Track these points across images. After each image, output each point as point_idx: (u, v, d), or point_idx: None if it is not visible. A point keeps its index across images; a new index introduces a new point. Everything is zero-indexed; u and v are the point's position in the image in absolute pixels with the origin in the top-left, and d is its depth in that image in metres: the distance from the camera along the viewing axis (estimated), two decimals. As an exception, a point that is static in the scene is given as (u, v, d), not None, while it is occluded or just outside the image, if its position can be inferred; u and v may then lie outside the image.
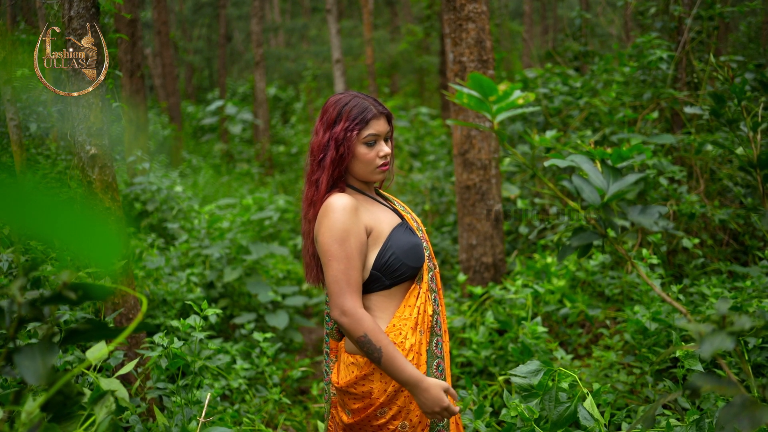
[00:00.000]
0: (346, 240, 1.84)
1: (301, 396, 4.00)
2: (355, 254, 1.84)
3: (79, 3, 2.55)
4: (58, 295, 0.91)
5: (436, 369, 1.96)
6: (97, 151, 2.62)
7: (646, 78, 5.09)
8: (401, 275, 1.91)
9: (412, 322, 1.91)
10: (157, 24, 10.93)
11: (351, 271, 1.83)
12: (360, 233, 1.87)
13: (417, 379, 1.80)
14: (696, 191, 4.32)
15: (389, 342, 1.81)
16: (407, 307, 1.93)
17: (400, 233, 1.93)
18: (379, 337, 1.79)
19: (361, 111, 1.91)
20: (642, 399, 2.92)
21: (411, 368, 1.81)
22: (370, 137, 1.92)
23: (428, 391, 1.80)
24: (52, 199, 0.69)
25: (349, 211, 1.85)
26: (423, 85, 16.40)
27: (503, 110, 1.12)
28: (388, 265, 1.89)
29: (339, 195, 1.89)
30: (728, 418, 0.99)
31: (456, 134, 4.34)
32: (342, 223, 1.84)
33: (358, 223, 1.86)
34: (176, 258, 4.87)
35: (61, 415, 1.11)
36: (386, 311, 1.93)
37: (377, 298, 1.93)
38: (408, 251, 1.91)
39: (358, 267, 1.85)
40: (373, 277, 1.90)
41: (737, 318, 0.99)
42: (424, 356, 1.93)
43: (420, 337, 1.92)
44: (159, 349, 2.34)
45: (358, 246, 1.86)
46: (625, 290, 3.77)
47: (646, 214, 1.17)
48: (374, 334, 1.79)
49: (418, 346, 1.92)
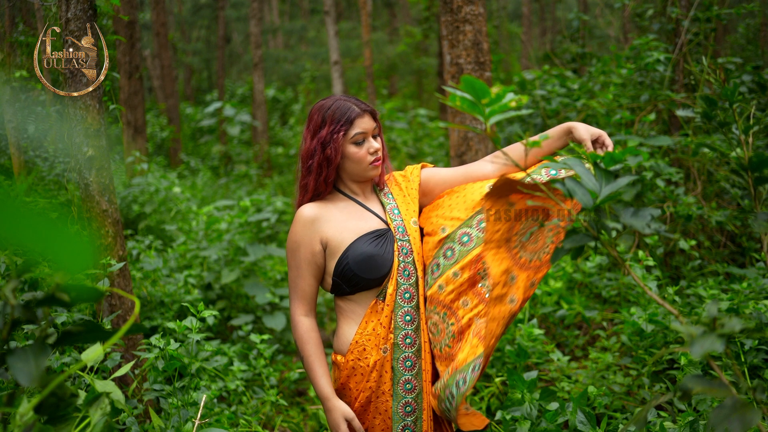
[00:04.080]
0: (296, 250, 1.96)
1: (298, 398, 4.00)
2: (302, 264, 1.95)
3: (76, 4, 2.56)
4: (51, 297, 0.91)
5: (403, 387, 1.92)
6: (94, 153, 2.62)
7: (644, 80, 5.10)
8: (358, 284, 1.93)
9: (376, 338, 1.91)
10: (156, 25, 10.94)
11: (297, 279, 1.97)
12: (311, 245, 1.94)
13: (324, 396, 1.91)
14: (693, 193, 4.32)
15: (312, 353, 1.92)
16: (369, 323, 1.93)
17: (361, 243, 1.91)
18: (304, 347, 1.94)
19: (344, 112, 1.94)
20: (638, 401, 2.93)
21: (324, 385, 1.91)
22: (357, 136, 1.94)
23: (330, 412, 1.89)
24: (32, 202, 0.70)
25: (302, 224, 1.95)
26: (421, 87, 16.40)
27: (496, 113, 1.12)
28: (343, 274, 1.93)
29: (305, 206, 1.97)
30: (719, 419, 1.00)
31: (453, 136, 4.34)
32: (294, 234, 1.96)
33: (311, 235, 1.94)
34: (174, 260, 4.87)
35: (55, 417, 1.11)
36: (355, 315, 1.97)
37: (344, 303, 2.00)
38: (361, 262, 1.89)
39: (305, 276, 1.96)
40: (335, 283, 1.96)
41: (728, 320, 0.99)
42: (389, 373, 1.92)
43: (383, 354, 1.92)
44: (156, 351, 2.35)
45: (308, 257, 1.95)
46: (621, 292, 3.77)
47: (638, 216, 1.18)
48: (300, 342, 1.95)
49: (380, 365, 1.92)
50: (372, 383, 1.92)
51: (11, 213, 0.72)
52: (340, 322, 2.00)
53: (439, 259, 1.94)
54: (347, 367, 1.95)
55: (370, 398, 1.93)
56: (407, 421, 1.91)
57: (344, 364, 1.95)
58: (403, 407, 1.92)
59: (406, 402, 1.92)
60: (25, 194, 3.36)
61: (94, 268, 2.48)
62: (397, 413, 1.91)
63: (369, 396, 1.92)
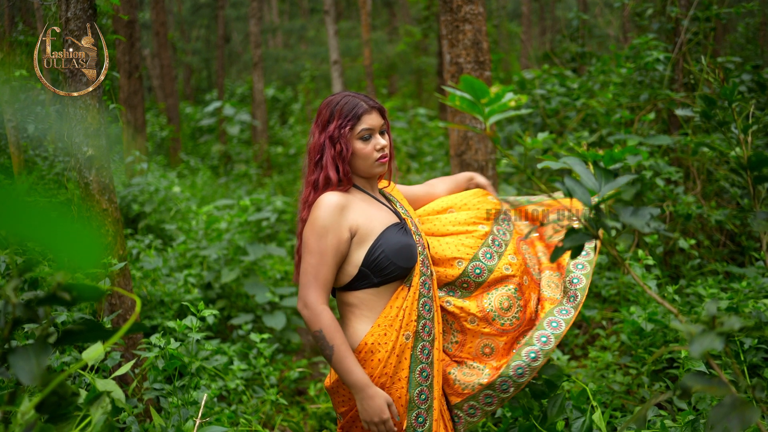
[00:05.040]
0: (323, 236, 1.88)
1: (298, 397, 4.00)
2: (328, 251, 1.88)
3: (76, 4, 2.56)
4: (52, 296, 0.91)
5: (419, 374, 1.94)
6: (93, 152, 2.62)
7: (643, 79, 5.10)
8: (390, 274, 1.92)
9: (397, 323, 1.92)
10: (156, 25, 10.94)
11: (321, 266, 1.88)
12: (340, 232, 1.89)
13: (364, 383, 1.83)
14: (693, 192, 4.33)
15: (343, 342, 1.84)
16: (393, 307, 1.93)
17: (392, 232, 1.94)
18: (334, 336, 1.83)
19: (352, 107, 1.94)
20: (638, 400, 2.93)
21: (360, 372, 1.84)
22: (364, 131, 1.94)
23: (373, 399, 1.83)
24: (33, 201, 0.71)
25: (332, 209, 1.89)
26: (421, 87, 16.40)
27: (495, 112, 1.12)
28: (377, 263, 1.90)
29: (330, 193, 1.92)
30: (718, 418, 1.00)
31: (453, 135, 4.34)
32: (323, 219, 1.88)
33: (340, 222, 1.90)
34: (174, 259, 4.88)
35: (56, 415, 1.11)
36: (374, 310, 1.94)
37: (365, 296, 1.95)
38: (398, 251, 1.91)
39: (331, 264, 1.89)
40: (362, 274, 1.92)
41: (727, 318, 0.99)
42: (408, 360, 1.93)
43: (404, 340, 1.93)
44: (156, 350, 2.35)
45: (335, 244, 1.89)
46: (621, 291, 3.77)
47: (638, 215, 1.18)
48: (329, 331, 1.84)
49: (400, 349, 1.92)
50: (389, 369, 1.90)
51: (16, 209, 0.72)
52: (350, 320, 1.97)
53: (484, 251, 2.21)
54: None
55: (385, 384, 1.91)
56: (421, 409, 1.94)
57: None
58: (419, 395, 1.93)
59: (421, 390, 1.94)
60: (26, 193, 3.35)
61: (98, 264, 2.49)
62: (413, 401, 1.92)
63: (384, 382, 1.91)
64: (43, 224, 0.75)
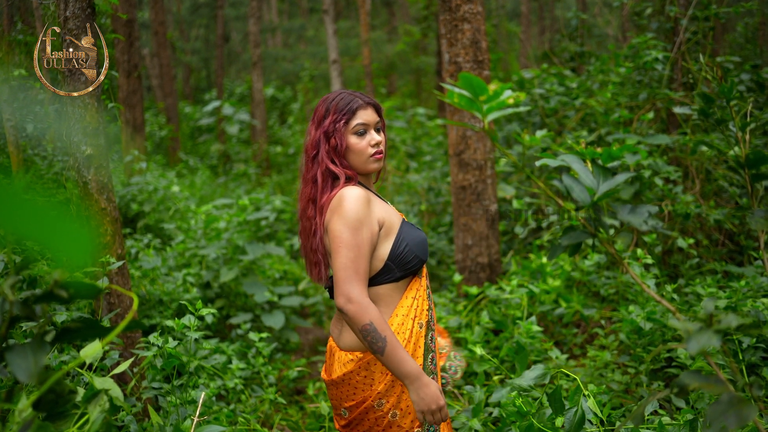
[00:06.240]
0: (358, 229, 1.85)
1: (297, 396, 4.00)
2: (365, 244, 1.85)
3: (74, 3, 2.56)
4: (49, 294, 0.91)
5: (431, 363, 1.98)
6: (92, 152, 2.62)
7: (642, 78, 5.10)
8: (411, 267, 1.93)
9: (413, 312, 1.94)
10: (155, 24, 10.93)
11: (360, 260, 1.84)
12: (372, 225, 1.89)
13: (419, 372, 1.80)
14: (691, 191, 4.33)
15: (393, 333, 1.81)
16: (408, 297, 1.95)
17: (408, 227, 1.98)
18: (384, 327, 1.79)
19: (347, 102, 1.96)
20: (637, 398, 2.93)
21: (413, 362, 1.81)
22: (359, 126, 1.95)
23: (429, 386, 1.79)
24: (31, 200, 0.71)
25: (363, 202, 1.88)
26: (420, 86, 16.40)
27: (494, 110, 1.12)
28: (402, 256, 1.91)
29: (353, 187, 1.91)
30: (716, 415, 1.00)
31: (452, 135, 4.34)
32: (356, 212, 1.85)
33: (371, 214, 1.89)
34: (173, 258, 4.87)
35: (54, 413, 1.11)
36: (390, 304, 1.94)
37: (384, 290, 1.94)
38: (419, 244, 1.95)
39: (367, 257, 1.86)
40: (386, 268, 1.91)
41: (724, 316, 1.00)
42: (422, 349, 1.95)
43: (419, 330, 1.95)
44: (154, 349, 2.35)
45: (369, 236, 1.87)
46: (620, 290, 3.78)
47: (635, 213, 1.18)
48: (379, 323, 1.79)
49: (416, 338, 1.94)
50: None
51: (14, 207, 0.72)
52: None
53: None
54: (364, 362, 1.91)
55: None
56: None
57: (361, 359, 1.91)
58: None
59: (433, 377, 1.97)
60: (24, 192, 3.35)
61: (94, 262, 2.49)
62: None
63: None
64: (41, 222, 0.75)
